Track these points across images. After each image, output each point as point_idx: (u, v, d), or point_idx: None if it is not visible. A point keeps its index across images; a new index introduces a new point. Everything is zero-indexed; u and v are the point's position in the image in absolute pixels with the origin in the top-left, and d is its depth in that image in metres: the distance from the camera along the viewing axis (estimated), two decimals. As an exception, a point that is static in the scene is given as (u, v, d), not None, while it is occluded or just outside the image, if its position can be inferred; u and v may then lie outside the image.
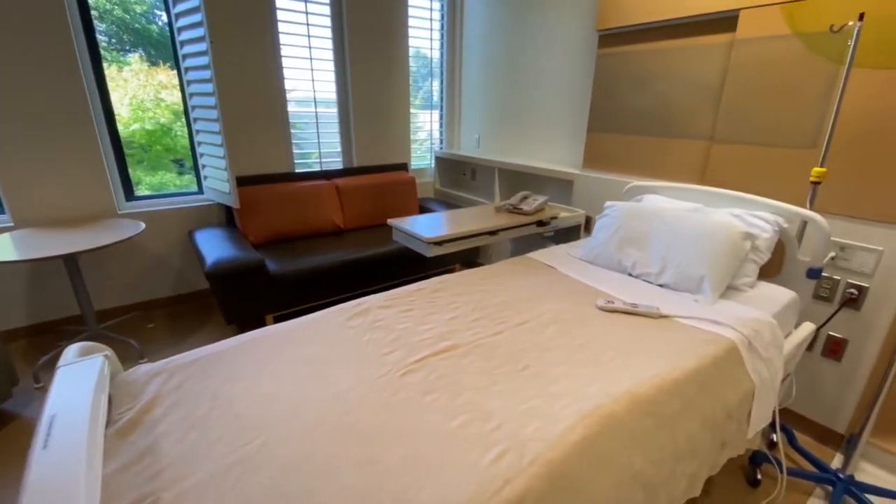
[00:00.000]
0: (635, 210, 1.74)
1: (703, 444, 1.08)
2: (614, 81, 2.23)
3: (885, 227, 1.48)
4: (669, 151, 2.06)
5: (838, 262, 1.58)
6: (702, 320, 1.28)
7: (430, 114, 3.63)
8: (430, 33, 3.39)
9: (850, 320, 1.59)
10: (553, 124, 2.81)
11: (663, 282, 1.55)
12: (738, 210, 1.63)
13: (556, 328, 1.25)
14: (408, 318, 1.26)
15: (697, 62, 1.89)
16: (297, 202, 2.69)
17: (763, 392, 1.21)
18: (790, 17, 1.59)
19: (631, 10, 2.05)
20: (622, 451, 0.88)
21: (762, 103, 1.70)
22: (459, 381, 0.99)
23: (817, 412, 1.73)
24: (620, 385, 0.98)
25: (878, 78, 1.43)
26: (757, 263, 1.51)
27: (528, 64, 2.87)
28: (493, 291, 1.48)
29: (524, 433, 0.83)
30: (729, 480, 1.55)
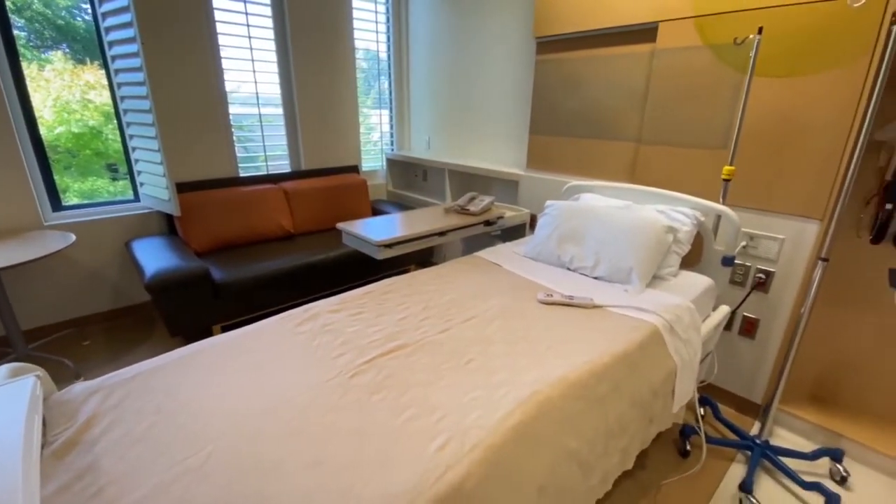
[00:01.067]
0: (572, 208, 1.86)
1: (632, 422, 1.19)
2: (552, 86, 2.35)
3: (785, 218, 1.67)
4: (603, 152, 2.20)
5: (749, 250, 1.77)
6: (630, 308, 1.40)
7: (380, 114, 3.63)
8: (375, 34, 3.40)
9: (761, 302, 1.79)
10: (499, 126, 2.91)
11: (598, 274, 1.67)
12: (662, 206, 1.78)
13: (499, 323, 1.32)
14: (358, 321, 1.29)
15: (625, 69, 2.04)
16: (243, 208, 2.62)
17: (684, 370, 1.35)
18: (702, 29, 1.76)
19: (564, 19, 2.18)
20: (557, 432, 0.96)
21: (681, 107, 1.87)
22: (407, 378, 1.04)
23: (737, 385, 1.93)
24: (555, 372, 1.06)
25: (775, 85, 1.62)
26: (679, 254, 1.66)
27: (474, 67, 2.96)
28: (441, 290, 1.54)
29: (466, 422, 0.89)
30: (662, 453, 1.69)
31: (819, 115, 1.54)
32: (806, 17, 1.51)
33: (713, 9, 1.70)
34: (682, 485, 1.55)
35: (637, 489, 1.54)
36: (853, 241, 1.67)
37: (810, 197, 1.59)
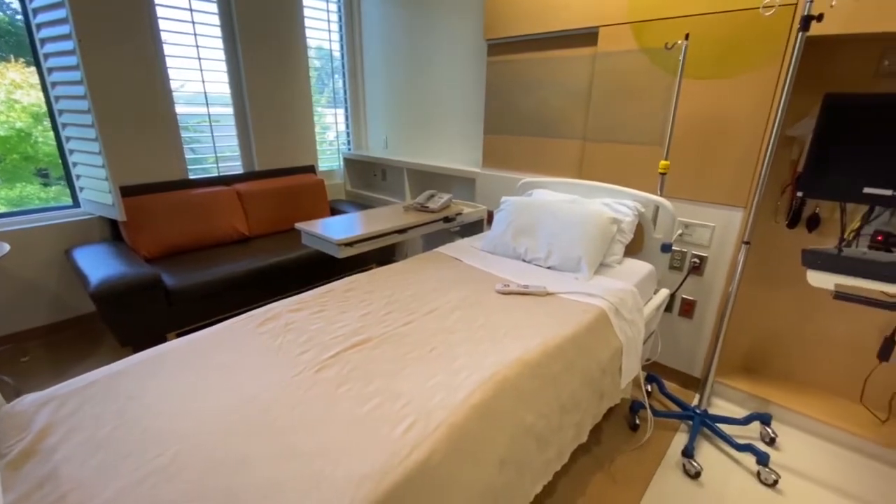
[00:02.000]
0: (526, 203, 1.95)
1: (584, 397, 1.29)
2: (504, 87, 2.44)
3: (715, 208, 1.84)
4: (553, 150, 2.32)
5: (684, 237, 1.94)
6: (580, 294, 1.51)
7: (335, 114, 3.61)
8: (328, 32, 3.38)
9: (696, 284, 1.96)
10: (455, 125, 2.97)
11: (550, 264, 1.77)
12: (607, 199, 1.91)
13: (460, 313, 1.39)
14: (320, 319, 1.31)
15: (570, 71, 2.16)
16: (194, 211, 2.54)
17: (629, 349, 1.47)
18: (637, 34, 1.90)
19: (512, 22, 2.27)
20: (515, 409, 1.03)
21: (621, 107, 2.01)
22: (372, 370, 1.08)
23: (679, 362, 2.09)
24: (512, 354, 1.14)
25: (701, 86, 1.78)
26: (623, 243, 1.79)
27: (429, 67, 3.01)
28: (403, 286, 1.58)
29: (430, 405, 0.94)
30: (615, 428, 1.82)
31: (739, 113, 1.71)
32: (726, 25, 1.67)
33: (646, 15, 1.84)
34: (632, 456, 1.68)
35: (593, 463, 1.65)
36: (773, 226, 1.86)
37: (734, 187, 1.77)
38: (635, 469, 1.63)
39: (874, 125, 1.38)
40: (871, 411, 1.79)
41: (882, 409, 1.79)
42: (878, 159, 1.39)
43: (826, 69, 1.65)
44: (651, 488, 1.55)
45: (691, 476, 1.59)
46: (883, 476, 1.61)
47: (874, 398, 1.81)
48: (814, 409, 1.80)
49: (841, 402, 1.84)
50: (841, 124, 1.42)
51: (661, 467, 1.64)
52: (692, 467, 1.59)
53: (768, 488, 1.55)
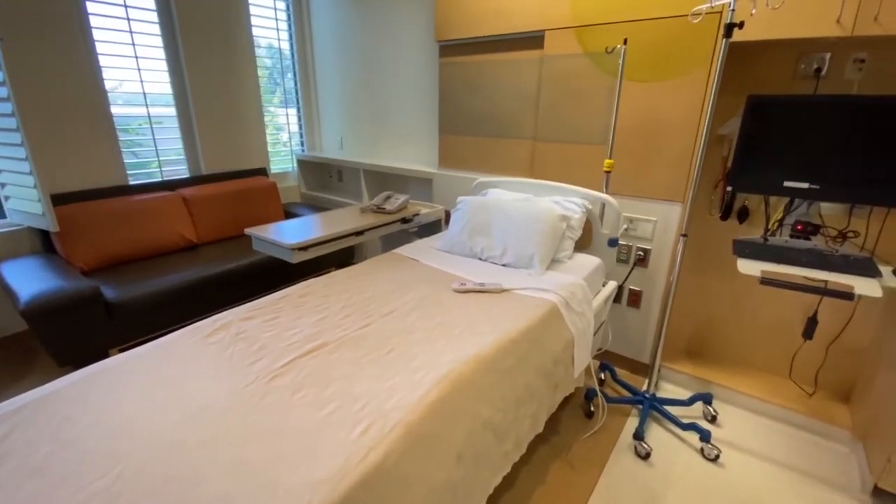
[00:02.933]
0: (481, 203, 1.99)
1: (538, 389, 1.34)
2: (456, 88, 2.47)
3: (656, 203, 1.95)
4: (506, 150, 2.37)
5: (630, 232, 2.04)
6: (533, 289, 1.56)
7: (287, 114, 3.51)
8: (276, 31, 3.29)
9: (642, 276, 2.07)
10: (412, 126, 2.98)
11: (505, 262, 1.81)
12: (557, 197, 1.98)
13: (418, 313, 1.40)
14: (274, 326, 1.29)
15: (519, 73, 2.22)
16: (136, 219, 2.41)
17: (580, 340, 1.54)
18: (581, 39, 1.98)
19: (462, 25, 2.31)
20: (472, 404, 1.06)
21: (567, 108, 2.08)
22: (328, 375, 1.07)
23: (629, 350, 2.21)
24: (468, 351, 1.16)
25: (640, 89, 1.88)
26: (572, 239, 1.86)
27: (382, 67, 2.99)
28: (361, 288, 1.57)
29: (387, 406, 0.95)
30: (572, 418, 1.90)
31: (674, 114, 1.82)
32: (660, 31, 1.78)
33: (588, 20, 1.92)
34: (588, 442, 1.76)
35: (551, 451, 1.71)
36: (708, 219, 2.00)
37: (673, 183, 1.88)
38: (591, 454, 1.70)
39: (791, 124, 1.52)
40: (799, 386, 1.97)
41: (809, 384, 1.97)
42: (795, 155, 1.53)
43: (751, 72, 1.79)
44: (606, 471, 1.63)
45: (642, 457, 1.69)
46: (811, 444, 1.77)
47: (801, 374, 1.98)
48: (749, 386, 1.95)
49: (773, 379, 2.01)
50: (763, 123, 1.55)
51: (615, 451, 1.73)
52: (643, 449, 1.69)
53: (711, 463, 1.67)
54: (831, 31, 1.44)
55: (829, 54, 1.64)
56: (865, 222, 1.68)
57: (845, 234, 1.70)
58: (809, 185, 1.50)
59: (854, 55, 1.61)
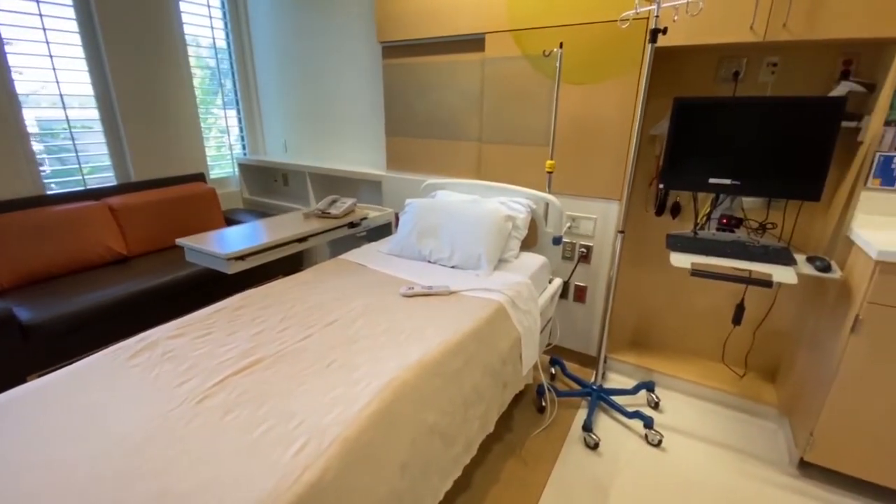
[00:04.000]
0: (429, 205, 1.98)
1: (487, 389, 1.34)
2: (401, 90, 2.45)
3: (596, 201, 2.02)
4: (453, 152, 2.38)
5: (573, 230, 2.10)
6: (480, 290, 1.57)
7: (226, 116, 3.34)
8: (211, 29, 3.12)
9: (586, 272, 2.14)
10: (359, 128, 2.92)
11: (454, 264, 1.81)
12: (503, 198, 2.01)
13: (363, 321, 1.36)
14: (205, 343, 1.21)
15: (462, 75, 2.23)
16: (54, 231, 2.20)
17: (527, 337, 1.56)
18: (519, 42, 2.01)
19: (403, 26, 2.28)
20: (416, 411, 1.04)
21: (510, 110, 2.12)
22: (264, 392, 1.02)
23: (578, 344, 2.27)
24: (413, 356, 1.14)
25: (577, 91, 1.93)
26: (518, 238, 1.89)
27: (326, 68, 2.92)
28: (303, 298, 1.51)
29: (325, 421, 0.91)
30: (524, 413, 1.92)
31: (609, 115, 1.89)
32: (594, 35, 1.84)
33: (524, 24, 1.96)
34: (541, 437, 1.79)
35: (506, 450, 1.72)
36: (645, 215, 2.09)
37: (610, 182, 1.95)
38: (543, 449, 1.73)
39: (713, 124, 1.61)
40: (731, 369, 2.10)
41: (739, 366, 2.11)
42: (718, 153, 1.63)
43: (679, 76, 1.89)
44: (558, 465, 1.66)
45: (591, 448, 1.74)
46: (743, 422, 1.89)
47: (733, 357, 2.12)
48: (687, 372, 2.07)
49: (708, 364, 2.13)
50: (688, 124, 1.64)
51: (566, 443, 1.77)
52: (591, 439, 1.74)
53: (654, 448, 1.75)
54: (745, 36, 1.55)
55: (746, 59, 1.77)
56: (782, 214, 1.82)
57: (765, 225, 1.83)
58: (731, 181, 1.60)
59: (767, 59, 1.73)
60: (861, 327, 1.38)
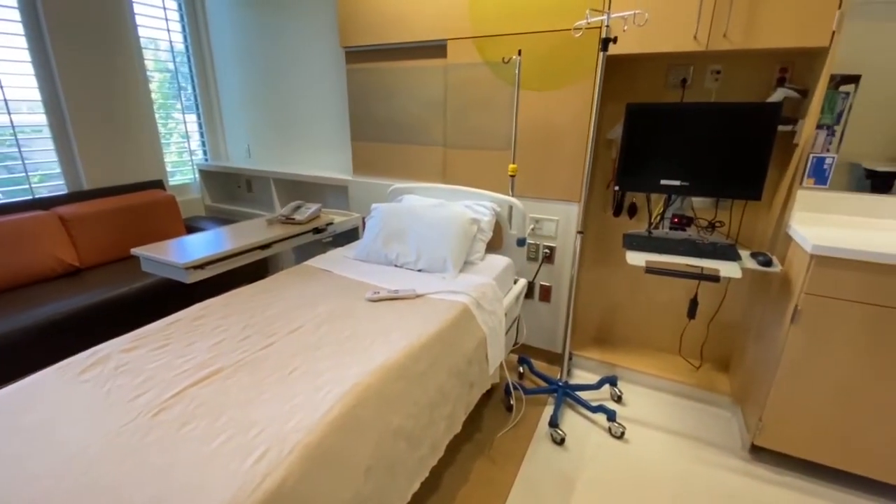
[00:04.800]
0: (395, 210, 1.99)
1: (452, 389, 1.36)
2: (366, 95, 2.45)
3: (557, 203, 2.08)
4: (418, 156, 2.40)
5: (536, 231, 2.16)
6: (446, 292, 1.59)
7: (185, 120, 3.25)
8: (167, 32, 3.03)
9: (550, 271, 2.19)
10: (324, 132, 2.90)
11: (420, 267, 1.83)
12: (468, 201, 2.04)
13: (327, 327, 1.36)
14: (162, 355, 1.18)
15: (426, 81, 2.26)
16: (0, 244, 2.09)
17: (493, 337, 1.59)
18: (480, 49, 2.06)
19: (366, 32, 2.29)
20: (380, 415, 1.05)
21: (473, 115, 2.16)
22: (223, 402, 1.00)
23: (544, 342, 2.33)
24: (377, 361, 1.15)
25: (536, 97, 1.99)
26: (483, 241, 1.93)
27: (289, 72, 2.88)
28: (265, 306, 1.50)
29: (286, 429, 0.91)
30: (493, 412, 1.96)
31: (567, 120, 1.95)
32: (550, 43, 1.90)
33: (485, 31, 2.00)
34: (509, 435, 1.82)
35: (475, 449, 1.75)
36: (604, 216, 2.17)
37: (570, 185, 2.02)
38: (512, 447, 1.77)
39: (663, 128, 1.69)
40: (687, 360, 2.20)
41: (695, 358, 2.21)
42: (669, 156, 1.71)
43: (632, 83, 1.98)
44: (526, 461, 1.70)
45: (557, 443, 1.78)
46: (700, 411, 1.98)
47: (689, 349, 2.22)
48: (647, 365, 2.15)
49: (666, 357, 2.23)
50: (640, 128, 1.72)
51: (534, 440, 1.81)
52: (558, 435, 1.79)
53: (617, 440, 1.81)
54: (690, 46, 1.64)
55: (692, 66, 1.87)
56: (729, 213, 1.93)
57: (714, 224, 1.93)
58: (681, 182, 1.69)
59: (711, 67, 1.84)
60: (800, 317, 1.48)
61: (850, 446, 1.51)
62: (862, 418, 1.47)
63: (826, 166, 1.63)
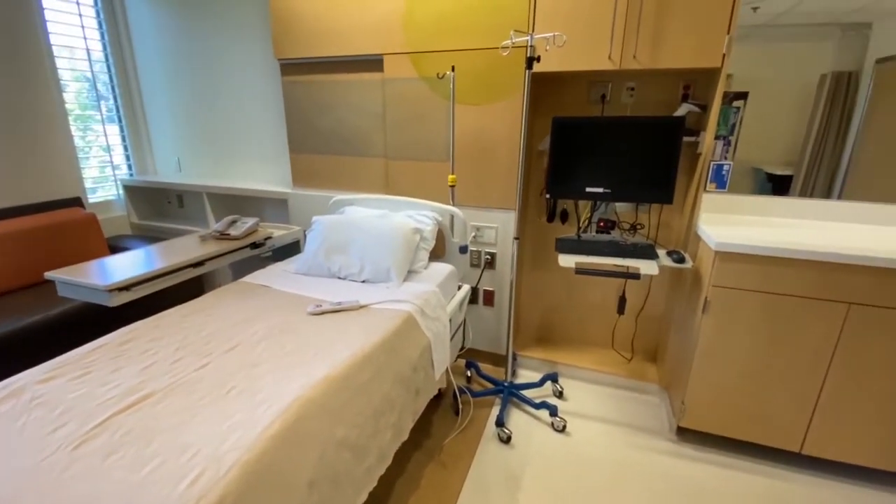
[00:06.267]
0: (337, 221, 1.99)
1: (398, 397, 1.38)
2: (303, 107, 2.43)
3: (496, 211, 2.17)
4: (360, 168, 2.41)
5: (478, 238, 2.24)
6: (390, 302, 1.61)
7: (105, 133, 3.03)
8: (84, 40, 2.83)
9: (492, 277, 2.28)
10: (261, 144, 2.83)
11: (364, 278, 1.84)
12: (410, 211, 2.08)
13: (266, 343, 1.34)
14: (83, 384, 1.11)
15: (365, 94, 2.28)
16: None
17: (437, 343, 1.63)
18: (416, 64, 2.12)
19: (301, 44, 2.28)
20: (323, 427, 1.05)
21: (412, 128, 2.21)
22: (153, 428, 0.96)
23: (490, 345, 2.40)
24: (319, 373, 1.15)
25: (471, 111, 2.08)
26: (426, 250, 1.97)
27: (222, 82, 2.79)
28: (199, 325, 1.44)
29: (223, 448, 0.89)
30: (442, 417, 1.99)
31: (502, 133, 2.06)
32: (483, 60, 2.00)
33: (419, 47, 2.07)
34: (458, 438, 1.87)
35: (425, 456, 1.77)
36: (539, 222, 2.30)
37: (506, 193, 2.12)
38: (461, 449, 1.81)
39: (586, 140, 1.83)
40: (620, 353, 2.36)
41: (627, 350, 2.38)
42: (592, 165, 1.85)
43: (559, 98, 2.12)
44: (475, 463, 1.75)
45: (504, 441, 1.85)
46: (632, 399, 2.14)
47: (621, 343, 2.38)
48: (584, 360, 2.29)
49: (601, 351, 2.38)
50: (566, 140, 1.85)
51: (482, 442, 1.86)
52: (504, 434, 1.85)
53: (560, 434, 1.91)
54: (605, 65, 1.79)
55: (610, 84, 2.04)
56: (648, 216, 2.12)
57: (635, 226, 2.11)
58: (603, 189, 1.83)
59: (626, 84, 2.02)
60: (709, 307, 1.65)
61: (758, 421, 1.70)
62: (765, 394, 1.67)
63: (724, 172, 1.84)
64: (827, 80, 1.80)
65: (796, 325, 1.56)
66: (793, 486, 1.65)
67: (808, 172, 1.90)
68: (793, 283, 1.53)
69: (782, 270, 1.53)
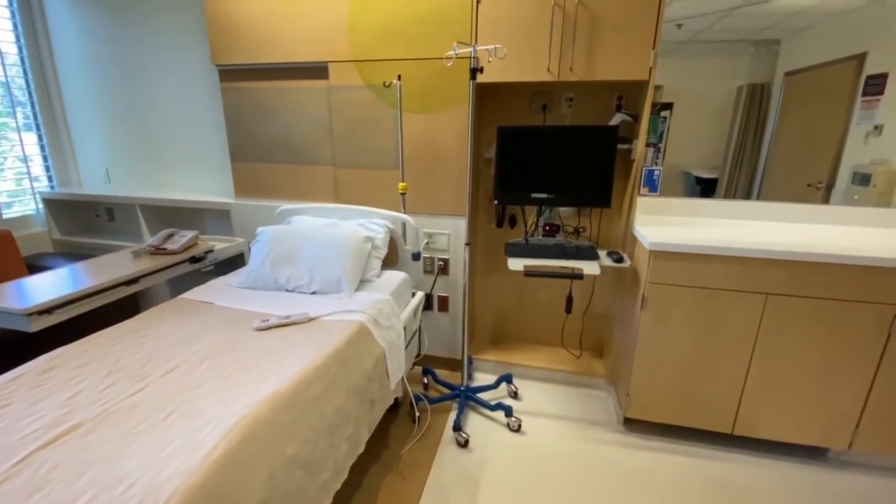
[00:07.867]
0: (284, 232, 1.93)
1: (353, 409, 1.36)
2: (244, 114, 2.35)
3: (447, 218, 2.20)
4: (308, 176, 2.36)
5: (430, 245, 2.25)
6: (341, 312, 1.59)
7: (22, 143, 2.77)
8: (-9, 42, 2.58)
9: (446, 283, 2.31)
10: (200, 153, 2.69)
11: (314, 289, 1.80)
12: (361, 220, 2.06)
13: (209, 362, 1.28)
14: (1, 418, 1.00)
15: (309, 101, 2.24)
16: None
17: (392, 352, 1.63)
18: (361, 72, 2.11)
19: (240, 50, 2.21)
20: (271, 446, 1.02)
21: (360, 135, 2.20)
22: (83, 460, 0.89)
23: (446, 350, 2.42)
24: (265, 391, 1.12)
25: (419, 119, 2.10)
26: (378, 258, 1.96)
27: (154, 88, 2.64)
28: (134, 347, 1.35)
29: (162, 476, 0.84)
30: (400, 426, 1.98)
31: (449, 141, 2.09)
32: (429, 69, 2.02)
33: (364, 56, 2.07)
34: (416, 447, 1.86)
35: (383, 467, 1.75)
36: (489, 228, 2.36)
37: (457, 200, 2.16)
38: (419, 457, 1.81)
39: (529, 147, 1.91)
40: (569, 351, 2.46)
41: (576, 348, 2.48)
42: (535, 172, 1.92)
43: (504, 107, 2.19)
44: (433, 470, 1.75)
45: (462, 445, 1.87)
46: (582, 395, 2.23)
47: (570, 341, 2.48)
48: (536, 359, 2.36)
49: (552, 350, 2.47)
50: (510, 148, 1.91)
51: (440, 448, 1.87)
52: (462, 438, 1.87)
53: (516, 433, 1.95)
54: (544, 76, 1.88)
55: (551, 94, 2.13)
56: (589, 220, 2.23)
57: (578, 229, 2.22)
58: (547, 195, 1.91)
59: (565, 95, 2.12)
60: (647, 303, 1.77)
61: (695, 406, 1.83)
62: (699, 381, 1.80)
63: (655, 177, 1.98)
64: (743, 91, 1.99)
65: (724, 316, 1.70)
66: (727, 465, 1.79)
67: (731, 175, 2.08)
68: (719, 277, 1.67)
69: (710, 266, 1.67)
